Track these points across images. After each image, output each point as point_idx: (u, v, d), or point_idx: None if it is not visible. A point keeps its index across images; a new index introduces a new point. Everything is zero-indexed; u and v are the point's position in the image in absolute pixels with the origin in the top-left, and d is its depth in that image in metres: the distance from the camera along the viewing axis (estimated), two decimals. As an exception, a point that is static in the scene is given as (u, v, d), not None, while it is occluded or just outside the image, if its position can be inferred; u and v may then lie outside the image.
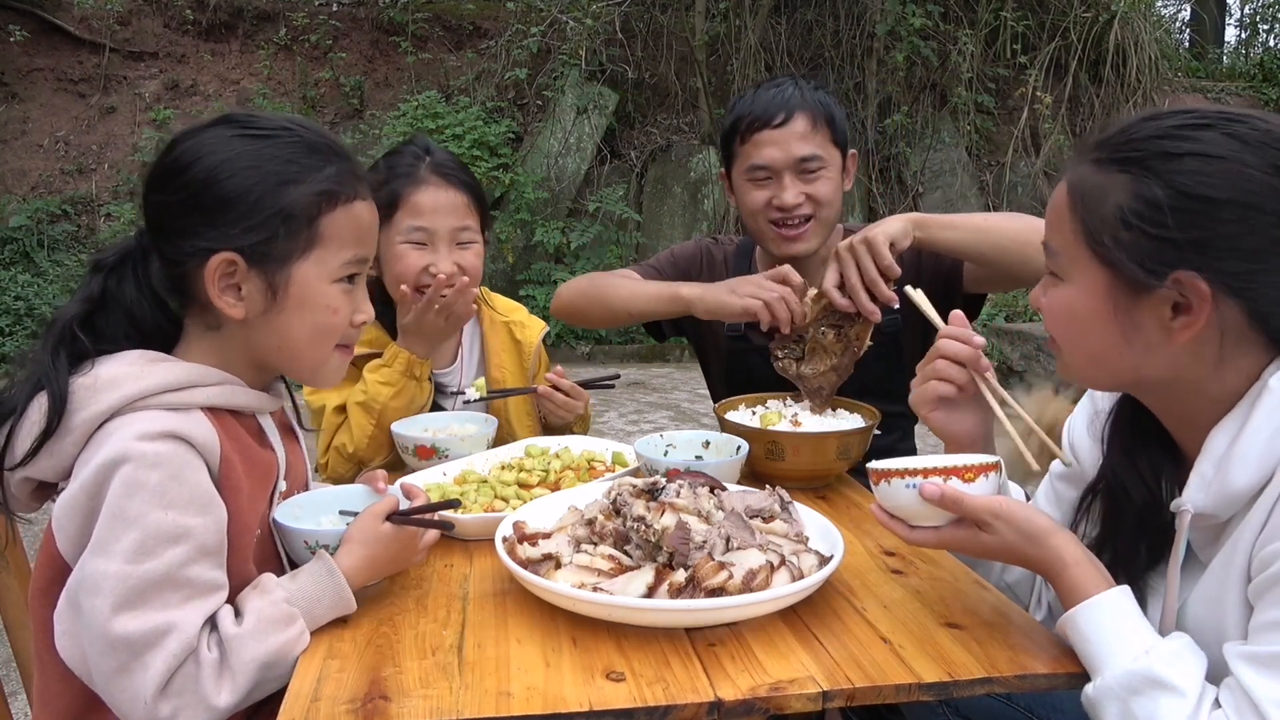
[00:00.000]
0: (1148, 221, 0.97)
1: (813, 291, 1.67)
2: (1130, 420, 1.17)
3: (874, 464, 1.12)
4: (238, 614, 1.06)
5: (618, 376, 2.02)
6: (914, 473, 1.07)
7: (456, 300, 1.75)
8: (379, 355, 1.82)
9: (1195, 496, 1.02)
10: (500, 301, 2.11)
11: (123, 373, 1.08)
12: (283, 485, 1.24)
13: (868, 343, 1.66)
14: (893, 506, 1.11)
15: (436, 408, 1.90)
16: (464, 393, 1.91)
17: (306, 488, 1.35)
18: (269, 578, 1.11)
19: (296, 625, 1.06)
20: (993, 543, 1.06)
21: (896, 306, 1.60)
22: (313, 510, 1.29)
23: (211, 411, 1.11)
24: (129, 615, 0.98)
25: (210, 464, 1.08)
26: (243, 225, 1.10)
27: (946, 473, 1.06)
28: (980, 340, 1.25)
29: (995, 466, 1.09)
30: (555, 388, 1.87)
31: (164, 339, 1.17)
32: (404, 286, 1.77)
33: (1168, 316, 0.99)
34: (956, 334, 1.25)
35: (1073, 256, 1.04)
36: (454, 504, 1.25)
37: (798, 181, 1.83)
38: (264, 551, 1.20)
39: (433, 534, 1.22)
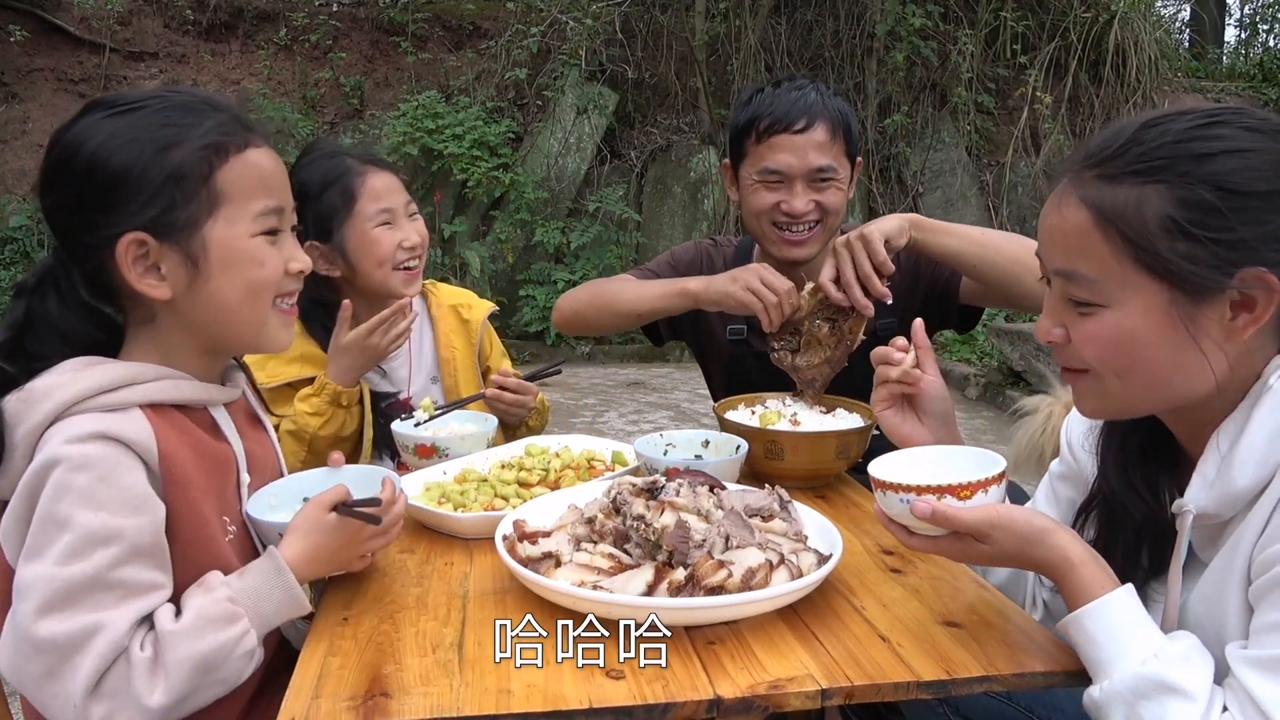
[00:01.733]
0: (1205, 225, 0.94)
1: (810, 286, 1.68)
2: (1123, 434, 1.16)
3: (874, 470, 1.10)
4: (179, 612, 1.04)
5: (562, 363, 2.09)
6: (909, 489, 1.05)
7: (400, 324, 1.81)
8: (312, 381, 1.84)
9: (1197, 497, 1.01)
10: (444, 290, 2.16)
11: (56, 381, 1.06)
12: (246, 477, 1.21)
13: (861, 337, 1.67)
14: (891, 514, 1.10)
15: (381, 413, 1.90)
16: (413, 415, 1.89)
17: (281, 475, 1.33)
18: (214, 575, 1.08)
19: (238, 625, 1.03)
20: (991, 552, 1.05)
21: (889, 302, 1.62)
22: (289, 499, 1.25)
23: (155, 409, 1.09)
24: (56, 618, 0.97)
25: (148, 462, 1.05)
26: (137, 201, 1.07)
27: (941, 491, 1.03)
28: (901, 342, 1.35)
29: (996, 480, 1.06)
30: (501, 388, 1.89)
31: (102, 352, 1.14)
32: (347, 302, 1.80)
33: (1228, 317, 0.97)
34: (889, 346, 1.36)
35: (1118, 279, 0.99)
36: (374, 502, 1.17)
37: (809, 190, 1.82)
38: (243, 547, 1.18)
39: (377, 537, 1.18)
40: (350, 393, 1.81)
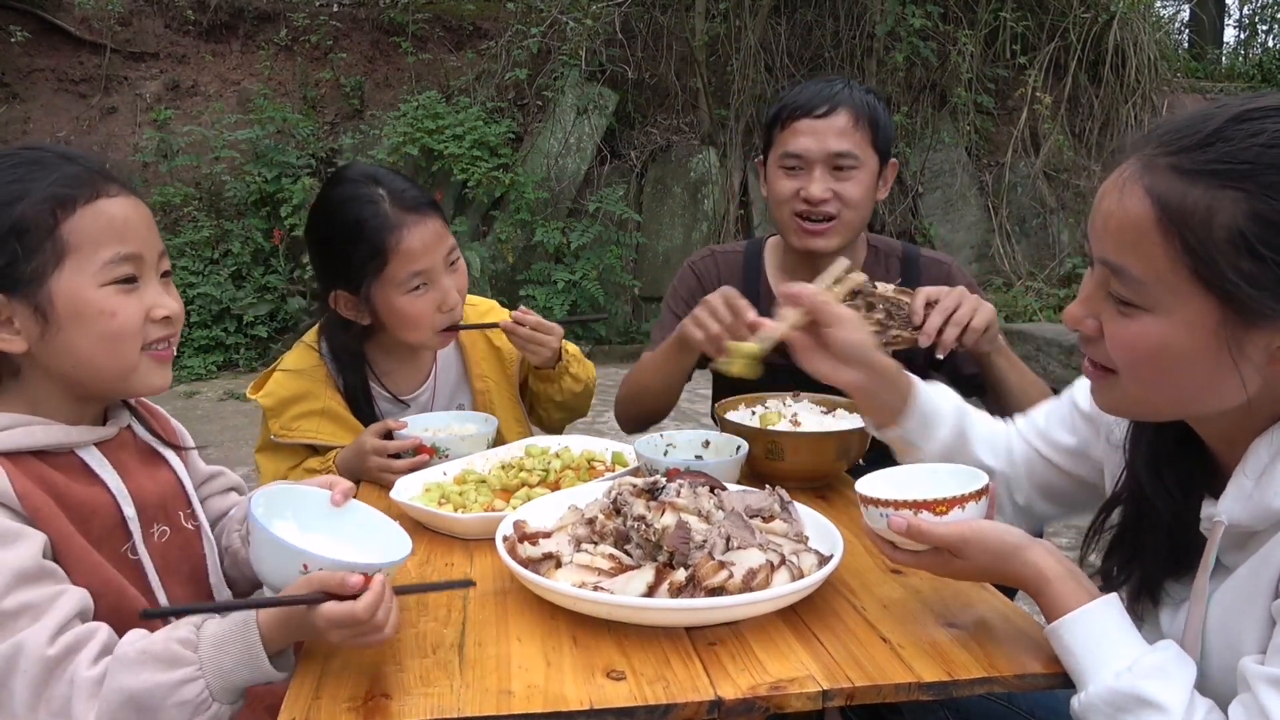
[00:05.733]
0: (1276, 247, 0.86)
1: (844, 266, 1.61)
2: (1153, 431, 1.12)
3: (860, 486, 1.13)
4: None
5: (606, 314, 1.97)
6: (888, 504, 1.08)
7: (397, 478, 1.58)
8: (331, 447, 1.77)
9: (1232, 508, 0.97)
10: (471, 305, 1.98)
11: None
12: (130, 511, 1.18)
13: (885, 352, 1.61)
14: (875, 529, 1.12)
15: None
16: (461, 406, 1.89)
17: (189, 507, 1.30)
18: (199, 616, 1.06)
19: (181, 670, 1.00)
20: (967, 567, 1.06)
21: (941, 356, 1.63)
22: (299, 508, 1.20)
23: (9, 457, 1.09)
24: None
25: (6, 504, 1.05)
26: None
27: (918, 506, 1.06)
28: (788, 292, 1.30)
29: (974, 497, 1.08)
30: (519, 322, 1.81)
31: None
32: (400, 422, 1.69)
33: (1276, 344, 0.90)
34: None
35: (1169, 285, 0.91)
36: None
37: (828, 176, 1.83)
38: (136, 575, 1.16)
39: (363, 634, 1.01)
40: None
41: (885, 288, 1.65)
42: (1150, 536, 1.10)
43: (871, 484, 1.15)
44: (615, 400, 2.04)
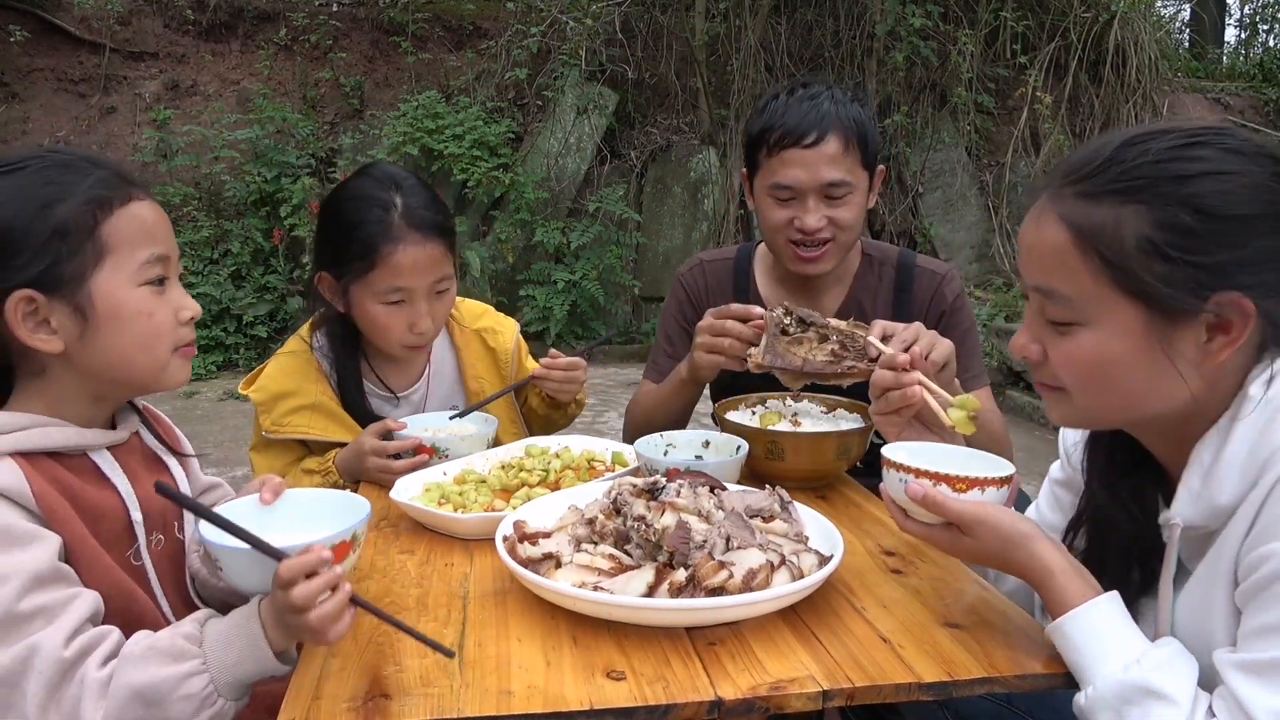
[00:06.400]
0: (1182, 248, 0.94)
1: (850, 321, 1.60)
2: (1106, 449, 1.17)
3: (886, 450, 1.15)
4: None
5: (615, 333, 1.99)
6: (910, 469, 1.09)
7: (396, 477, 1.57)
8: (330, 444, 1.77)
9: (1184, 510, 1.02)
10: (466, 308, 2.03)
11: None
12: (138, 516, 1.19)
13: (841, 383, 1.57)
14: (893, 494, 1.13)
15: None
16: (455, 406, 1.90)
17: (182, 518, 1.29)
18: (201, 612, 1.08)
19: (186, 663, 1.01)
20: (975, 548, 1.07)
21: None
22: (244, 519, 1.13)
23: (26, 456, 1.09)
24: None
25: (24, 505, 1.05)
26: (22, 258, 1.09)
27: (938, 478, 1.07)
28: (905, 358, 1.32)
29: (996, 482, 1.08)
30: (550, 367, 1.83)
31: None
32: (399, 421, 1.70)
33: (1204, 339, 0.97)
34: (885, 364, 1.34)
35: (1095, 299, 1.00)
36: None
37: (821, 205, 1.78)
38: (141, 579, 1.17)
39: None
40: (346, 485, 1.70)
41: (839, 322, 1.59)
42: (1113, 548, 1.13)
43: (899, 451, 1.16)
44: (624, 432, 2.03)
